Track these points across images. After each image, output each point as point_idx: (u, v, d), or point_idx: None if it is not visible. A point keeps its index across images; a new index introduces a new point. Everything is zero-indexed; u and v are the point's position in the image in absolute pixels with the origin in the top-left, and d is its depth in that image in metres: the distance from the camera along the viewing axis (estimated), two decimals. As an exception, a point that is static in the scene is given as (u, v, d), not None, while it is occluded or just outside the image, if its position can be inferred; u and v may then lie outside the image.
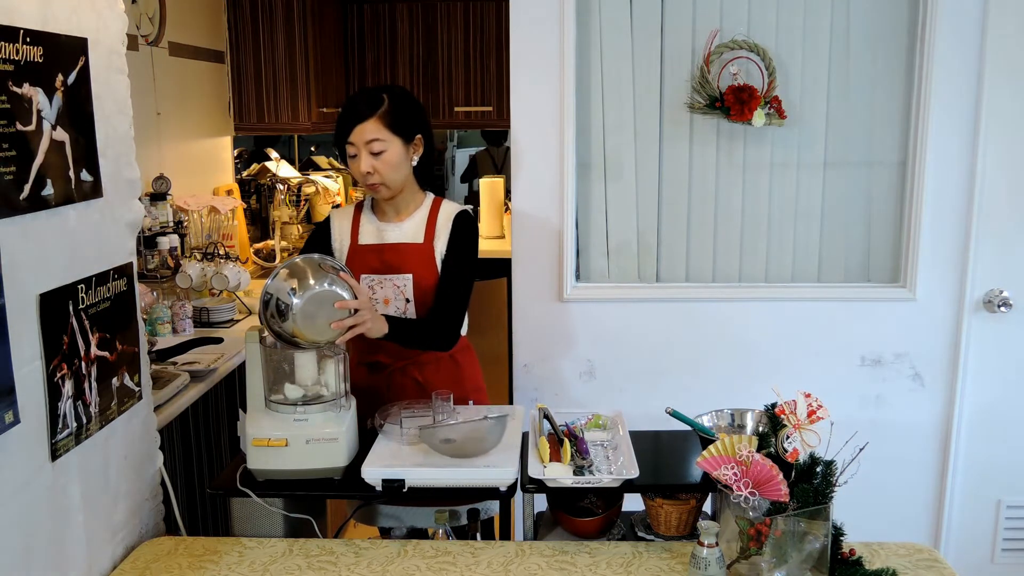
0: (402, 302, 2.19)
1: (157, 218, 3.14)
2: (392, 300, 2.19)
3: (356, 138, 2.11)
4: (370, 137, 2.10)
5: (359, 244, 2.23)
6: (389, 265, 2.19)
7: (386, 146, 2.11)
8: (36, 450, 1.47)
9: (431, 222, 2.22)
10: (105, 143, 1.68)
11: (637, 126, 2.73)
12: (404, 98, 2.17)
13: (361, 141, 2.11)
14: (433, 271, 2.19)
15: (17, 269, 1.40)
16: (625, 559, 1.68)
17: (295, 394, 1.88)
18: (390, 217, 2.24)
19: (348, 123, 2.12)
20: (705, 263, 2.80)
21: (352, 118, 2.12)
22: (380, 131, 2.11)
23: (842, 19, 2.66)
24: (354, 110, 2.13)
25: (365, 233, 2.24)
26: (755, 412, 1.99)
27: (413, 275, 2.18)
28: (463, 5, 4.85)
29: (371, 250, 2.22)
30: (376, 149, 2.11)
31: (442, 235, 2.20)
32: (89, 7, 1.63)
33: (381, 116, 2.11)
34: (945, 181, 2.65)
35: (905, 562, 1.67)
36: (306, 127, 4.25)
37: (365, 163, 2.11)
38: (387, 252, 2.21)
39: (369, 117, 2.10)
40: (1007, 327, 2.72)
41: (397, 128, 2.13)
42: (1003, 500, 2.82)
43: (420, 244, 2.20)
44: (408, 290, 2.18)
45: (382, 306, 2.18)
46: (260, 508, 1.85)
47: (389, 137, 2.12)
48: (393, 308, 2.18)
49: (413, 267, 2.18)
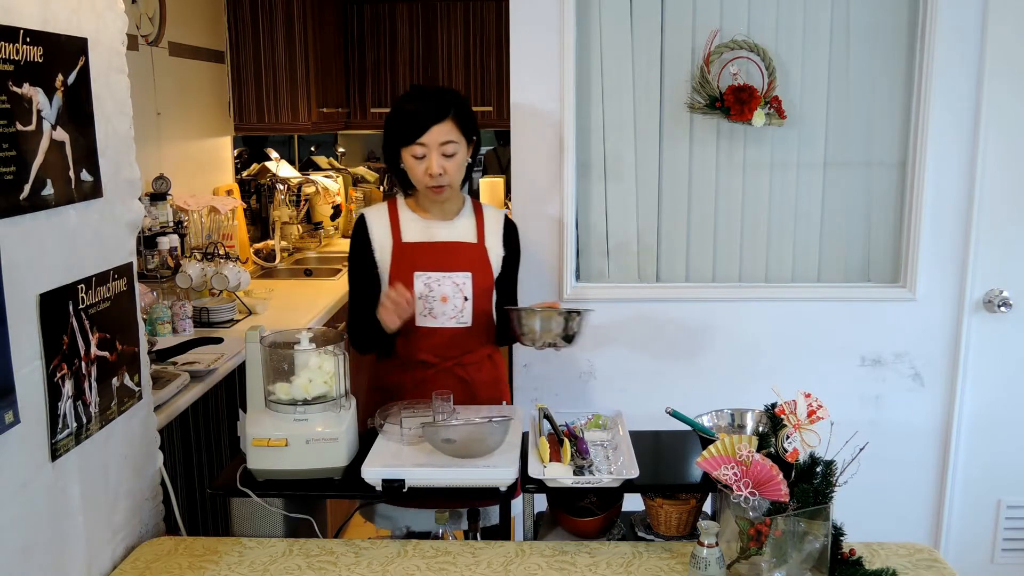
0: (460, 300, 2.18)
1: (157, 218, 3.14)
2: (450, 298, 2.18)
3: (429, 139, 2.08)
4: (445, 139, 2.08)
5: (404, 242, 2.21)
6: (446, 263, 2.19)
7: (458, 148, 2.11)
8: (36, 450, 1.47)
9: (480, 223, 2.24)
10: (105, 143, 1.68)
11: (637, 126, 2.73)
12: (463, 99, 2.17)
13: (435, 143, 2.08)
14: (488, 271, 2.21)
15: (17, 269, 1.40)
16: (625, 559, 1.68)
17: (295, 394, 1.88)
18: (436, 215, 2.23)
19: (422, 124, 2.08)
20: (705, 263, 2.80)
21: (427, 118, 2.07)
22: (453, 132, 2.09)
23: (842, 19, 2.66)
24: (428, 111, 2.08)
25: (409, 231, 2.22)
26: (755, 412, 1.98)
27: (472, 274, 2.18)
28: (463, 5, 4.85)
29: (421, 248, 2.20)
30: (450, 151, 2.09)
31: (493, 236, 2.24)
32: (89, 7, 1.63)
33: (454, 118, 2.09)
34: (945, 181, 2.65)
35: (905, 562, 1.67)
36: (306, 127, 4.25)
37: (436, 164, 2.08)
38: (442, 250, 2.20)
39: (444, 118, 2.08)
40: (1007, 327, 2.72)
41: (465, 130, 2.13)
42: (1003, 500, 2.82)
43: (475, 244, 2.22)
44: (467, 288, 2.18)
45: (439, 304, 2.18)
46: (260, 508, 1.85)
47: (460, 139, 2.11)
48: (451, 307, 2.18)
49: (471, 266, 2.19)
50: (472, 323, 2.20)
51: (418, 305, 2.18)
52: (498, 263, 2.24)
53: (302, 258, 4.51)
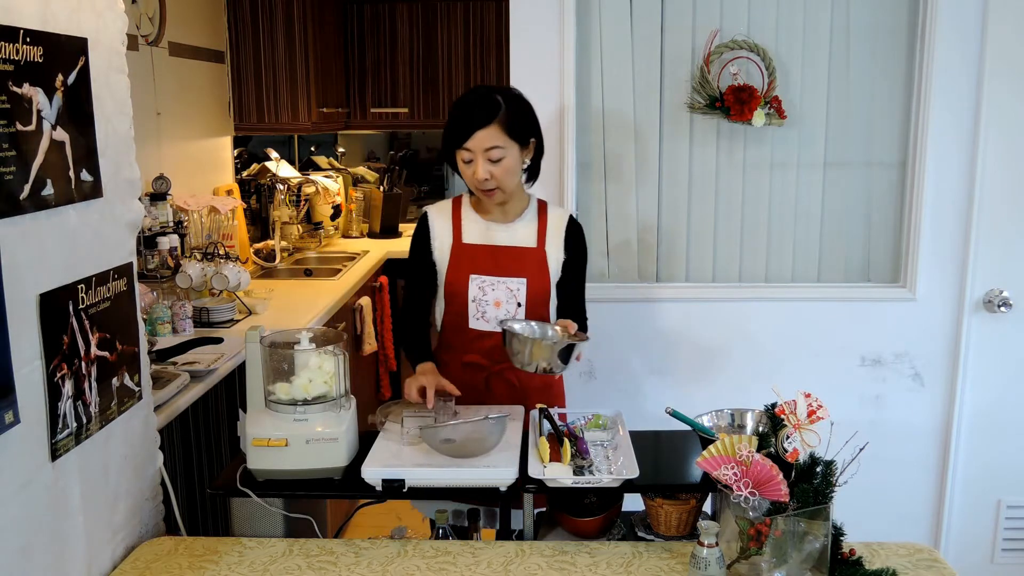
0: (513, 305, 2.17)
1: (157, 218, 3.14)
2: (503, 303, 2.17)
3: (474, 145, 2.06)
4: (489, 144, 2.05)
5: (463, 243, 2.21)
6: (502, 267, 2.18)
7: (505, 153, 2.07)
8: (36, 450, 1.47)
9: (542, 226, 2.21)
10: (105, 143, 1.68)
11: (637, 126, 2.73)
12: (519, 102, 2.12)
13: (480, 148, 2.06)
14: (546, 276, 2.19)
15: (17, 269, 1.40)
16: (625, 559, 1.68)
17: (295, 394, 1.88)
18: (496, 217, 2.22)
19: (466, 128, 2.06)
20: (705, 263, 2.80)
21: (471, 123, 2.05)
22: (499, 137, 2.06)
23: (842, 19, 2.66)
24: (472, 115, 2.06)
25: (469, 232, 2.22)
26: (755, 412, 1.98)
27: (528, 280, 2.17)
28: (463, 5, 4.85)
29: (479, 250, 2.20)
30: (495, 157, 2.06)
31: (554, 240, 2.21)
32: (89, 7, 1.63)
33: (501, 122, 2.06)
34: (945, 181, 2.65)
35: (905, 562, 1.67)
36: (306, 127, 4.25)
37: (483, 170, 2.07)
38: (499, 254, 2.19)
39: (488, 123, 2.05)
40: (1007, 327, 2.72)
41: (515, 134, 2.08)
42: (1003, 500, 2.82)
43: (534, 249, 2.19)
44: (521, 294, 2.17)
45: (492, 308, 2.17)
46: (260, 508, 1.85)
47: (508, 143, 2.07)
48: (503, 311, 2.17)
49: (527, 271, 2.17)
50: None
51: (471, 308, 2.19)
52: (557, 267, 2.21)
53: (302, 258, 4.51)
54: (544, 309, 2.21)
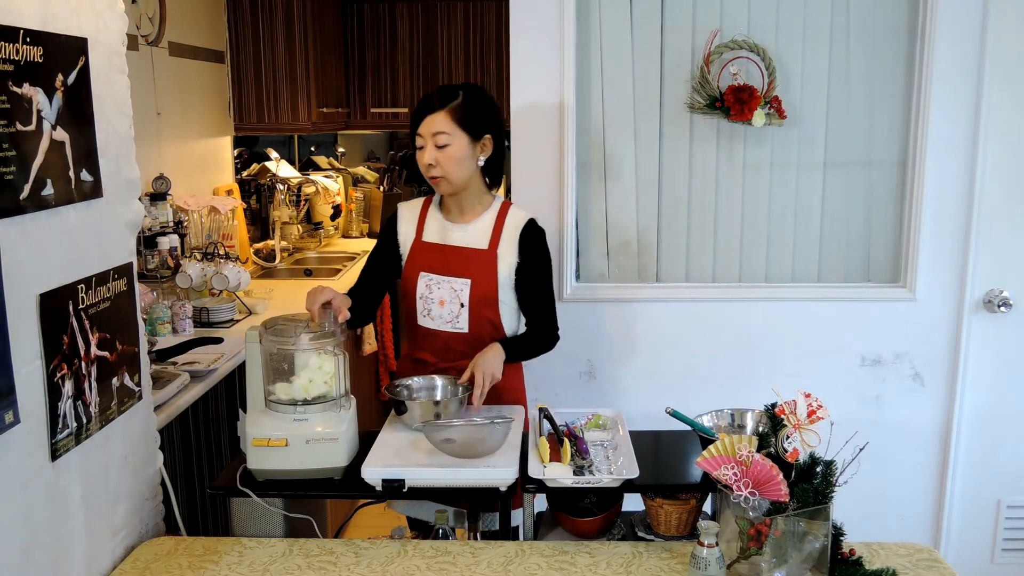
0: (456, 306, 2.19)
1: (157, 218, 3.14)
2: (447, 302, 2.19)
3: (424, 129, 2.13)
4: (436, 130, 2.12)
5: (422, 240, 2.25)
6: (449, 267, 2.20)
7: (450, 140, 2.12)
8: (36, 450, 1.47)
9: (497, 228, 2.21)
10: (105, 143, 1.68)
11: (637, 126, 2.73)
12: (478, 96, 2.17)
13: (428, 133, 2.13)
14: (493, 278, 2.19)
15: (17, 269, 1.40)
16: (625, 559, 1.68)
17: (295, 394, 1.88)
18: (455, 217, 2.25)
19: (419, 114, 2.15)
20: (705, 263, 2.80)
21: (423, 109, 2.14)
22: (447, 124, 2.12)
23: (842, 19, 2.66)
24: (427, 102, 2.15)
25: (430, 230, 2.26)
26: (755, 412, 1.98)
27: (472, 280, 2.18)
28: (463, 5, 4.85)
29: (434, 249, 2.23)
30: (441, 142, 2.12)
31: (507, 244, 2.20)
32: (89, 7, 1.63)
33: (451, 110, 2.12)
34: (945, 181, 2.65)
35: (905, 562, 1.67)
36: (306, 127, 4.25)
37: (429, 155, 2.13)
38: (448, 254, 2.21)
39: (439, 110, 2.12)
40: (1007, 327, 2.72)
41: (465, 124, 2.13)
42: (1003, 500, 2.82)
43: (484, 251, 2.20)
44: (464, 295, 2.18)
45: (436, 307, 2.20)
46: (260, 508, 1.85)
47: (455, 132, 2.12)
48: (447, 311, 2.19)
49: (473, 273, 2.18)
50: (469, 330, 2.19)
51: (419, 305, 2.22)
52: (509, 271, 2.19)
53: (302, 258, 4.51)
54: (490, 311, 2.20)
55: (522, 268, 2.20)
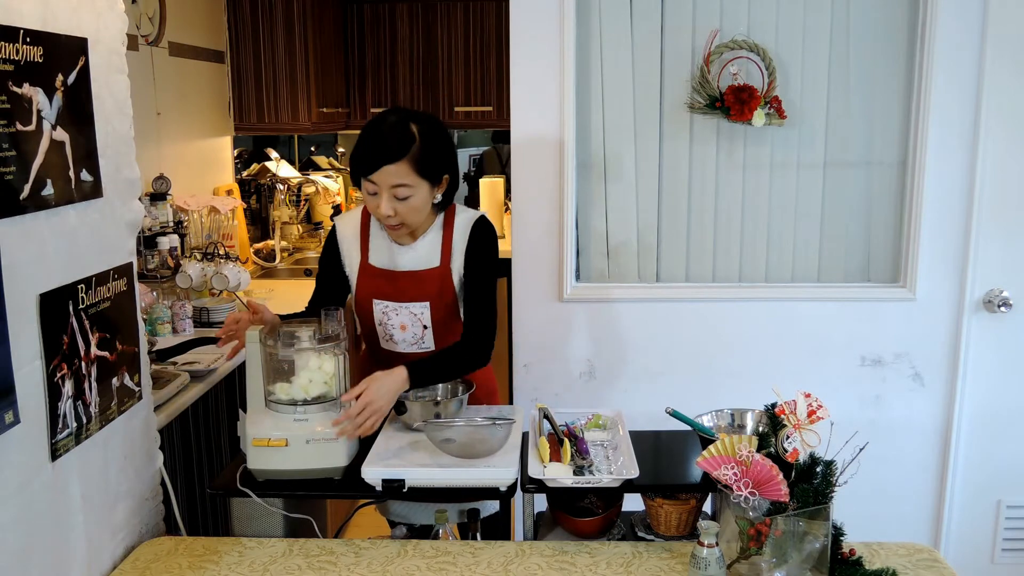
0: (419, 328, 2.12)
1: (157, 218, 3.14)
2: (409, 327, 2.12)
3: (380, 179, 1.93)
4: (397, 182, 1.93)
5: (369, 263, 2.13)
6: (405, 293, 2.09)
7: (412, 192, 1.95)
8: (36, 450, 1.47)
9: (447, 240, 2.10)
10: (105, 143, 1.68)
11: (637, 126, 2.73)
12: (435, 136, 1.98)
13: (386, 184, 1.93)
14: (451, 293, 2.10)
15: (17, 269, 1.40)
16: (625, 559, 1.68)
17: (295, 394, 1.88)
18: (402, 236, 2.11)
19: (373, 160, 1.92)
20: (705, 263, 2.80)
21: (379, 156, 1.92)
22: (408, 176, 1.93)
23: (842, 19, 2.66)
24: (382, 149, 1.92)
25: (376, 251, 2.13)
26: (755, 412, 1.98)
27: (431, 303, 2.09)
28: (463, 5, 4.85)
29: (381, 275, 2.12)
30: (402, 195, 1.94)
31: (459, 251, 2.10)
32: (89, 7, 1.63)
33: (411, 159, 1.92)
34: (945, 181, 2.65)
35: (905, 562, 1.67)
36: (306, 127, 4.25)
37: (386, 206, 1.95)
38: (400, 280, 2.10)
39: (399, 159, 1.91)
40: (1007, 327, 2.72)
41: (426, 172, 1.96)
42: (1003, 500, 2.82)
43: (436, 268, 2.09)
44: (426, 317, 2.10)
45: (398, 332, 2.13)
46: (260, 508, 1.85)
47: (417, 182, 1.95)
48: (410, 334, 2.13)
49: (430, 294, 2.08)
50: (436, 347, 2.15)
51: (379, 331, 2.15)
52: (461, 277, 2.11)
53: (302, 258, 4.51)
54: (454, 322, 2.14)
55: (467, 264, 2.09)
